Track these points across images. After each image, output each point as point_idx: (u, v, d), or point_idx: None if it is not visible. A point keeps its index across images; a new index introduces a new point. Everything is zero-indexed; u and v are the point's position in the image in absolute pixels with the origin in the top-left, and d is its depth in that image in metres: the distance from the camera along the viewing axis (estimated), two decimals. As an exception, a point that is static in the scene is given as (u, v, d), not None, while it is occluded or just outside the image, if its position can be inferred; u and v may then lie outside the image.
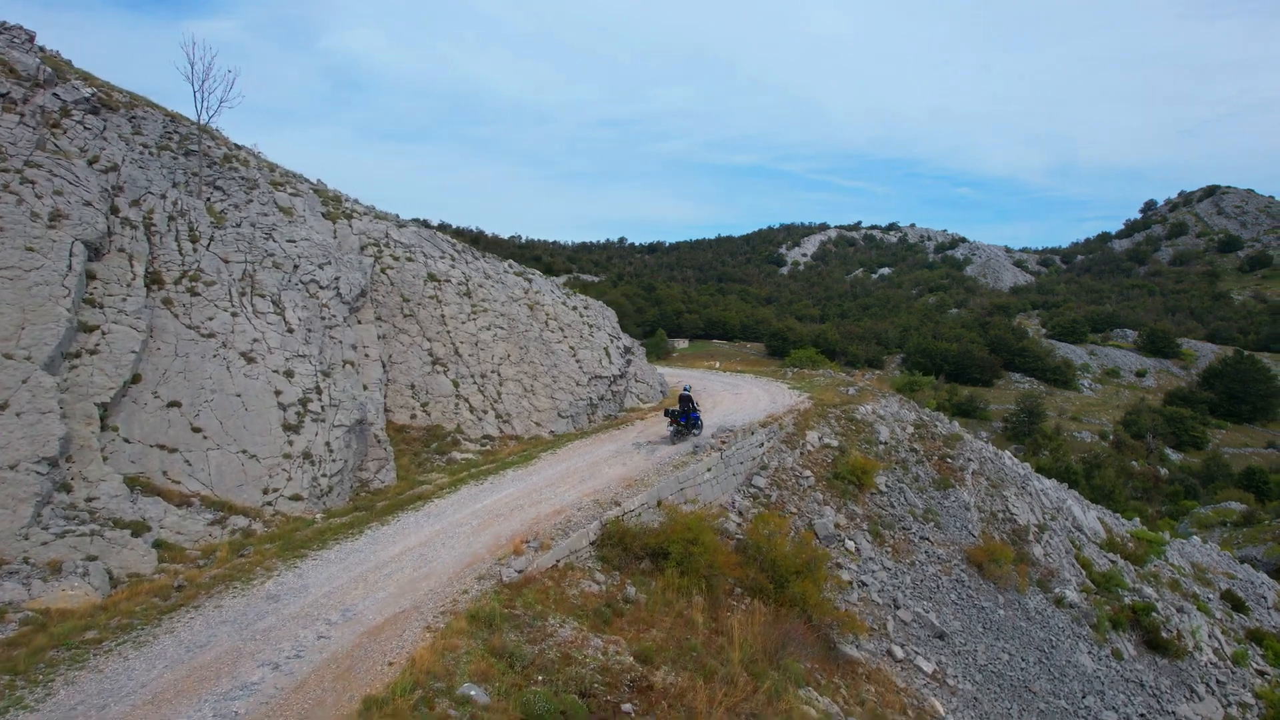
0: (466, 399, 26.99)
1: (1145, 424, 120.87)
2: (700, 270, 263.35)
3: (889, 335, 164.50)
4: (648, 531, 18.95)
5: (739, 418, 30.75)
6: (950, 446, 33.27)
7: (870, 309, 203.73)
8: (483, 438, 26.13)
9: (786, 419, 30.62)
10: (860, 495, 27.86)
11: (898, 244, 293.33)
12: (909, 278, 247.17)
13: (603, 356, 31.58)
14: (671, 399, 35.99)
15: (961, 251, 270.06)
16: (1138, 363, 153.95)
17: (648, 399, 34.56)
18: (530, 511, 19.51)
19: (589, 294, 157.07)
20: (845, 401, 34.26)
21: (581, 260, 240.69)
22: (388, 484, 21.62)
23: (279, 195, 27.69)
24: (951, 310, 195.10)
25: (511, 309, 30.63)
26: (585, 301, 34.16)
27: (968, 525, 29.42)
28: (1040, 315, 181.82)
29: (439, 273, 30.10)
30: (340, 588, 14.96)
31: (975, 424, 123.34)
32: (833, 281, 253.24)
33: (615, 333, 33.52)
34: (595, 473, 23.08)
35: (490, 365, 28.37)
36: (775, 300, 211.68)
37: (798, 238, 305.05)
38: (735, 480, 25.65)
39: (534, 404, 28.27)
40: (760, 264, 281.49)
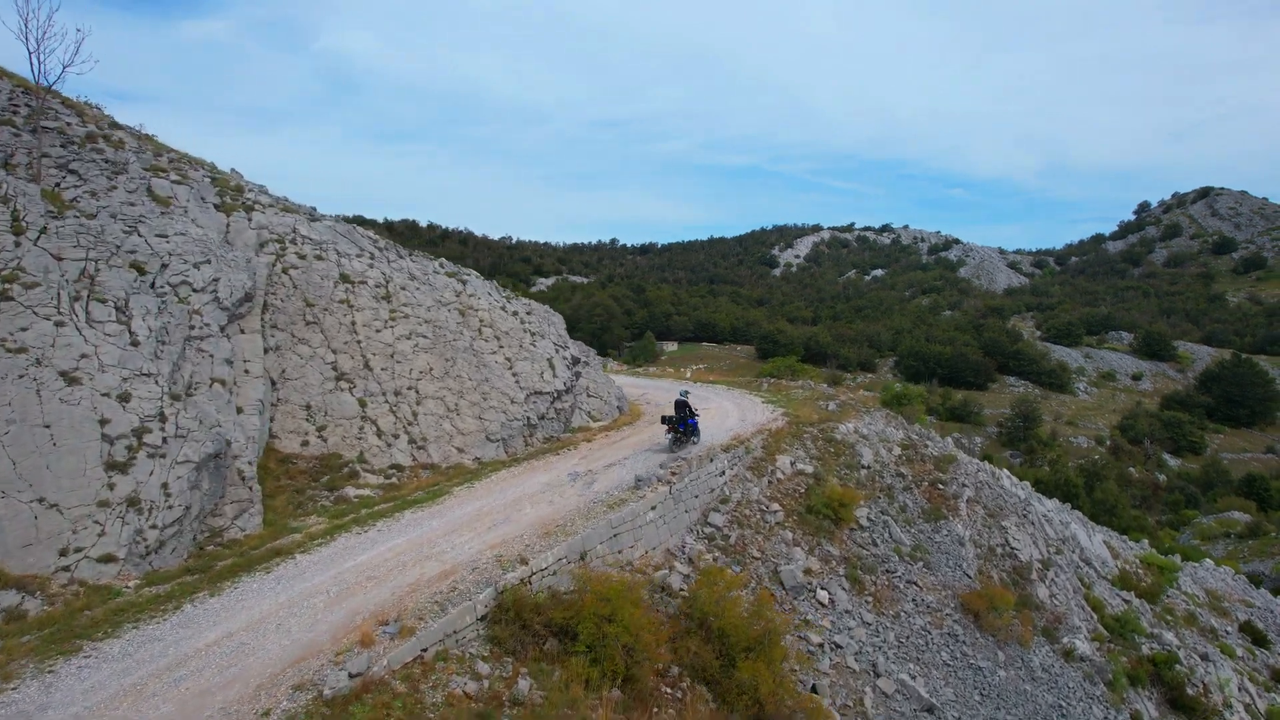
0: (374, 421, 22.73)
1: (1143, 429, 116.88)
2: (692, 272, 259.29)
3: (882, 338, 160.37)
4: (556, 602, 14.73)
5: (699, 439, 26.54)
6: (942, 470, 29.07)
7: (863, 311, 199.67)
8: (389, 468, 21.87)
9: (755, 440, 26.40)
10: (837, 532, 23.64)
11: (891, 245, 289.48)
12: (902, 279, 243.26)
13: (545, 369, 27.34)
14: (633, 415, 31.83)
15: (955, 253, 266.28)
16: (1134, 366, 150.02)
17: (601, 416, 30.31)
18: (411, 573, 15.26)
19: (577, 296, 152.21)
20: (824, 419, 30.07)
21: (572, 261, 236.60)
22: (249, 532, 17.37)
23: (157, 182, 23.41)
24: (945, 312, 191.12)
25: (438, 314, 26.37)
26: (528, 306, 29.90)
27: (962, 564, 25.22)
28: (1035, 317, 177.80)
29: (353, 273, 25.86)
30: (98, 706, 10.72)
31: (969, 429, 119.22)
32: (825, 283, 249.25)
33: (562, 341, 29.27)
34: (512, 515, 18.84)
35: (407, 380, 24.12)
36: (767, 302, 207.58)
37: (791, 239, 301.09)
38: (688, 519, 21.43)
39: (457, 426, 24.02)
40: (753, 265, 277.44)
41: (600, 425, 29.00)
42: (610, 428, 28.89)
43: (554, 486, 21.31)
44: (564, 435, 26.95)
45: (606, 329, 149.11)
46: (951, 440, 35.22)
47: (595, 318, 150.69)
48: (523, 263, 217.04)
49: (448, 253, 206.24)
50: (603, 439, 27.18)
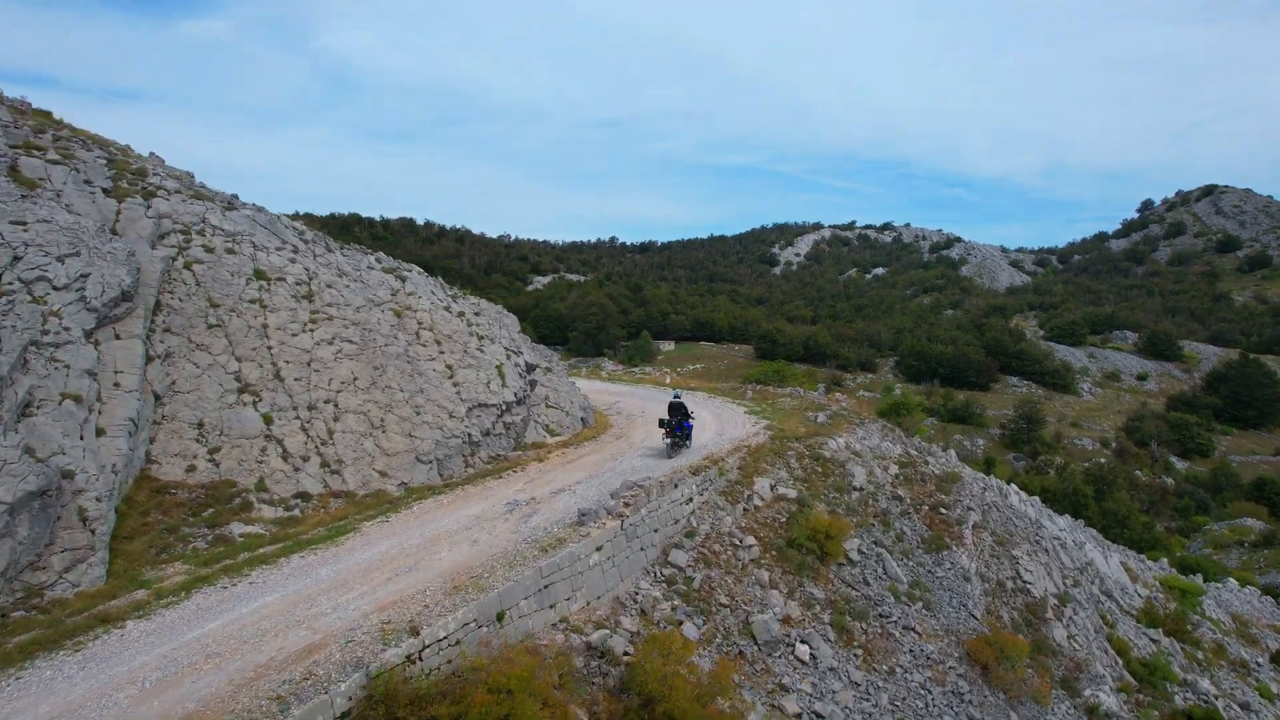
0: (280, 440, 19.26)
1: (1149, 430, 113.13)
2: (692, 270, 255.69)
3: (882, 337, 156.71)
4: (445, 691, 11.25)
5: (667, 459, 23.04)
6: (945, 490, 25.56)
7: (864, 310, 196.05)
8: (293, 497, 18.40)
9: (730, 460, 22.92)
10: (823, 569, 20.14)
11: (892, 244, 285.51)
12: (903, 278, 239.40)
13: (493, 378, 23.84)
14: (599, 427, 28.36)
15: (957, 251, 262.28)
16: (1138, 366, 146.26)
17: (560, 429, 26.82)
18: (267, 648, 11.78)
19: (573, 294, 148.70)
20: (812, 432, 26.59)
21: (570, 260, 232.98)
22: (84, 588, 13.89)
23: (28, 161, 19.95)
24: (947, 311, 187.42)
25: (369, 316, 22.89)
26: (476, 305, 26.39)
27: (967, 602, 21.71)
28: (1037, 316, 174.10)
29: (271, 269, 22.39)
30: None
31: (971, 430, 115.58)
32: (826, 281, 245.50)
33: (515, 345, 25.78)
34: (423, 560, 15.35)
35: (326, 392, 20.64)
36: (767, 301, 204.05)
37: (791, 237, 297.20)
38: (644, 558, 17.95)
39: (382, 445, 20.54)
40: (753, 264, 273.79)
41: (558, 441, 25.50)
42: (569, 443, 25.40)
43: (485, 520, 17.82)
44: (513, 454, 23.44)
45: (602, 328, 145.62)
46: (954, 455, 31.76)
47: (591, 317, 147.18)
48: (519, 261, 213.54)
49: (443, 250, 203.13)
50: (558, 457, 23.68)
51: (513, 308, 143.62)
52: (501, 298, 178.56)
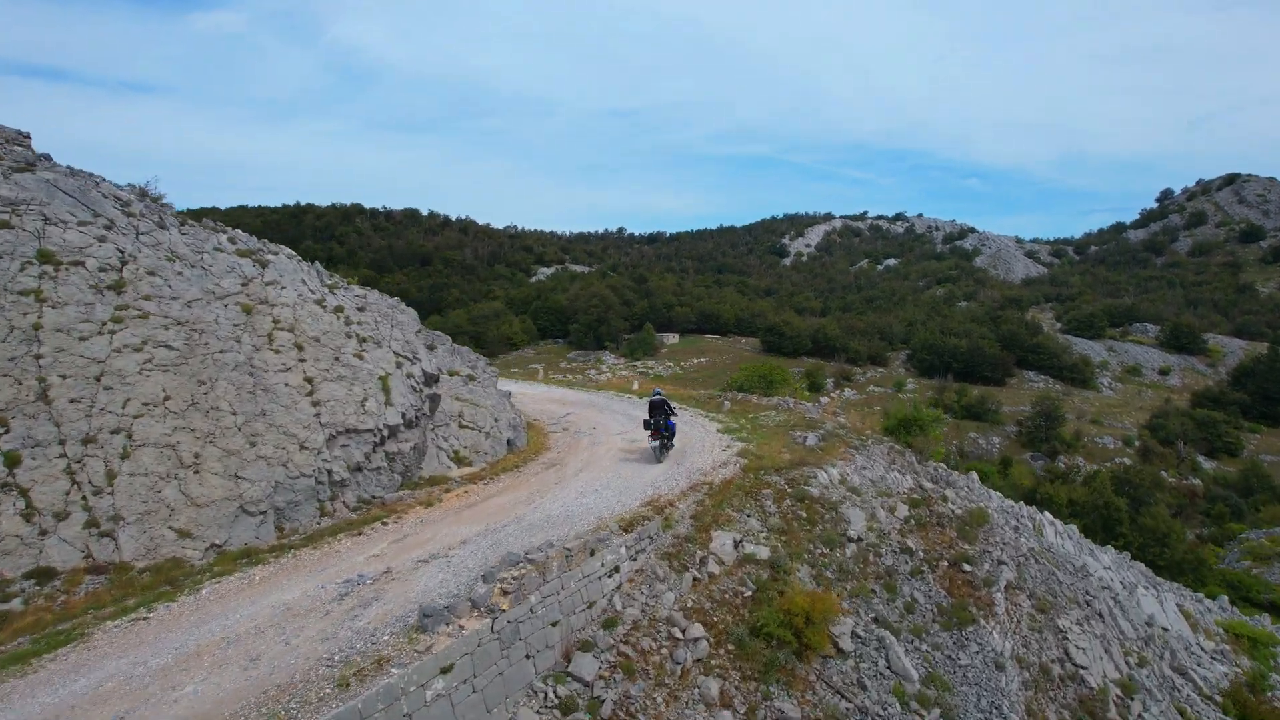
0: (25, 490, 13.40)
1: (1174, 428, 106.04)
2: (700, 261, 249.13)
3: (894, 330, 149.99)
4: None
5: (595, 504, 17.02)
6: (969, 537, 19.44)
7: (875, 301, 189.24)
8: (25, 576, 12.54)
9: (684, 505, 16.90)
10: (800, 671, 14.11)
11: (904, 234, 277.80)
12: (916, 269, 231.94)
13: (373, 393, 17.89)
14: (531, 451, 22.35)
15: (971, 242, 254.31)
16: (1160, 359, 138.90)
17: (475, 457, 20.80)
18: None
19: (575, 286, 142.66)
20: (798, 460, 20.51)
21: (575, 251, 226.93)
22: None
23: None
24: (961, 303, 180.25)
25: (203, 313, 16.96)
26: (362, 298, 20.33)
27: (1001, 703, 15.64)
28: (1054, 309, 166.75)
29: (65, 249, 16.50)
30: None
31: (986, 428, 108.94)
32: (836, 273, 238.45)
33: (410, 350, 19.72)
34: (147, 702, 9.50)
35: (117, 418, 14.76)
36: (775, 292, 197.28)
37: (801, 228, 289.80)
38: (530, 670, 11.98)
39: (190, 491, 14.64)
40: (762, 255, 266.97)
41: (466, 473, 19.53)
42: (481, 476, 19.43)
43: (297, 614, 11.91)
44: (394, 496, 17.45)
45: (604, 321, 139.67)
46: (976, 480, 25.55)
47: (592, 309, 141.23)
48: (524, 252, 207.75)
49: (445, 241, 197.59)
50: (456, 499, 17.74)
51: (515, 299, 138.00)
52: (504, 289, 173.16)
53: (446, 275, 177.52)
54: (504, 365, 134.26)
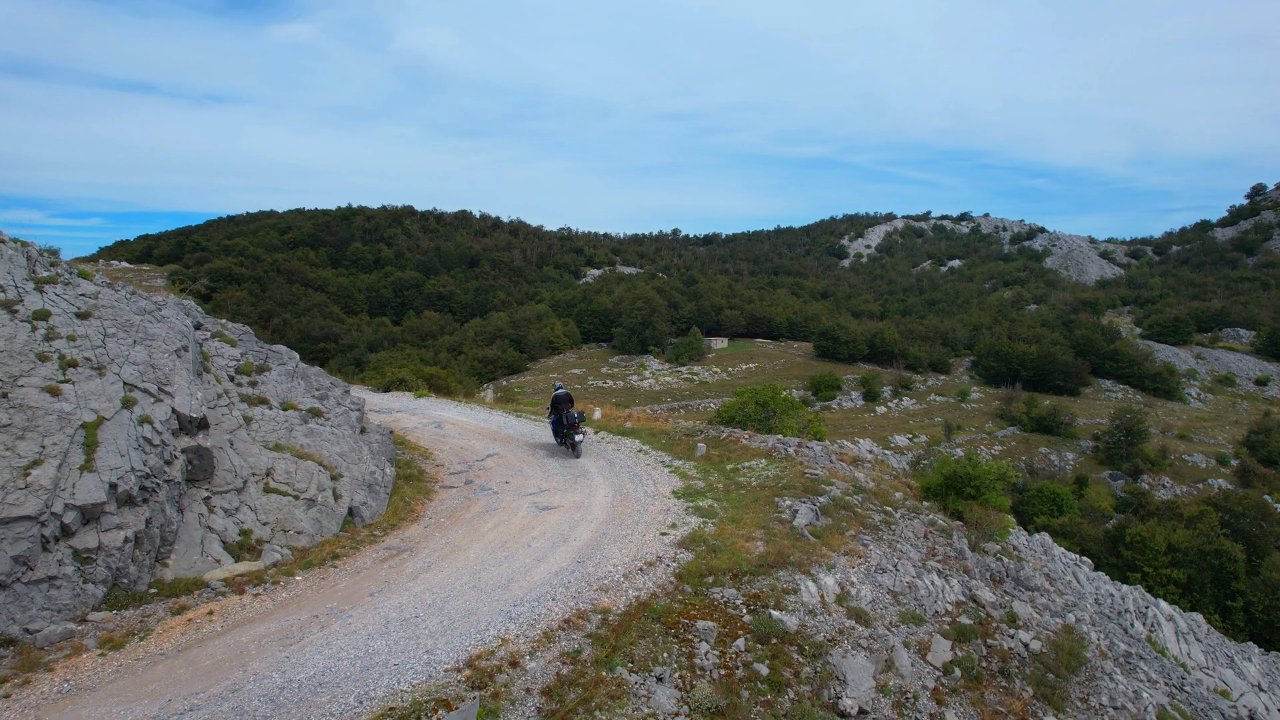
0: None
1: (1277, 446, 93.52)
2: (755, 263, 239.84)
3: (957, 334, 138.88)
4: None
5: (394, 653, 9.49)
6: (1055, 699, 11.32)
7: (937, 304, 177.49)
8: None
9: (537, 662, 9.29)
10: None
11: (969, 234, 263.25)
12: (981, 270, 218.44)
13: (58, 451, 10.71)
14: (392, 517, 14.94)
15: (1040, 242, 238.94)
16: (1256, 368, 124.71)
17: (284, 535, 13.36)
18: None
19: (621, 288, 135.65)
20: (773, 557, 12.52)
21: (627, 252, 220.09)
22: None
23: None
24: (1029, 306, 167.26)
25: None
26: (91, 298, 13.04)
27: None
28: (1133, 312, 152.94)
29: None
30: None
31: (1059, 441, 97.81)
32: (897, 274, 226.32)
33: (157, 379, 12.39)
34: None
35: None
36: (832, 295, 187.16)
37: (861, 228, 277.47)
38: None
39: None
40: (820, 256, 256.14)
41: (237, 572, 12.17)
42: (261, 575, 12.06)
43: None
44: (61, 630, 10.19)
45: (648, 324, 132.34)
46: (1057, 556, 17.30)
47: (636, 312, 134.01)
48: (574, 254, 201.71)
49: (495, 243, 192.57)
50: (185, 627, 10.40)
51: (561, 302, 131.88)
52: (550, 291, 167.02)
53: (494, 277, 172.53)
54: (543, 370, 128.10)
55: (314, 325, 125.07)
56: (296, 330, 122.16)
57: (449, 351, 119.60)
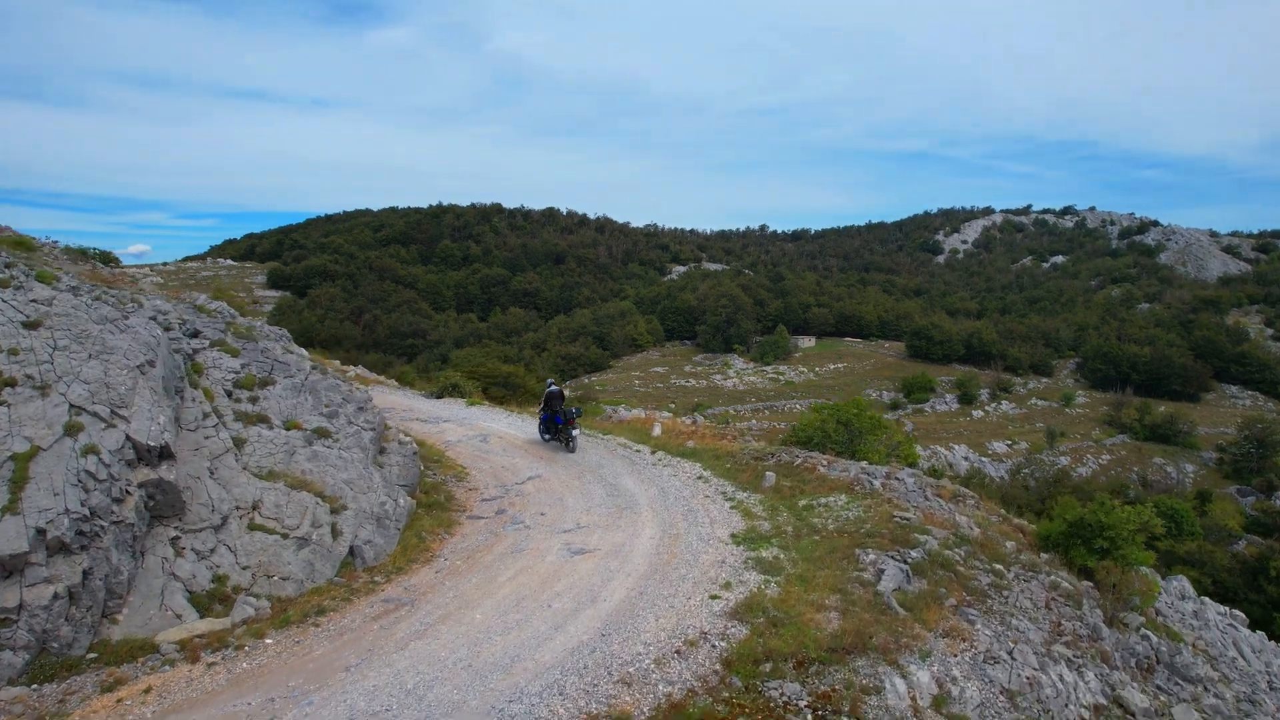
0: None
1: None
2: (845, 259, 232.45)
3: (1060, 335, 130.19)
4: None
5: None
6: None
7: (1038, 303, 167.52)
8: None
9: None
10: None
11: (1074, 229, 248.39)
12: (1087, 267, 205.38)
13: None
14: (401, 558, 12.75)
15: (1153, 236, 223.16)
16: None
17: (267, 582, 11.26)
18: None
19: (705, 285, 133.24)
20: (850, 638, 9.72)
21: (713, 249, 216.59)
22: None
23: None
24: (1141, 305, 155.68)
25: None
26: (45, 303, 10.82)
27: None
28: (1263, 312, 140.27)
29: None
30: None
31: (1177, 452, 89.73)
32: (995, 271, 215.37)
33: (112, 399, 10.37)
34: None
35: None
36: (925, 292, 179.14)
37: (958, 223, 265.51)
38: None
39: None
40: (913, 252, 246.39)
41: (200, 631, 10.11)
42: (225, 636, 10.03)
43: None
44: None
45: (733, 321, 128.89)
46: (1236, 644, 13.73)
47: (720, 309, 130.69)
48: (659, 250, 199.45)
49: (580, 239, 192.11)
50: (111, 709, 8.47)
51: (645, 299, 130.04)
52: (635, 288, 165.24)
53: (579, 274, 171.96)
54: (625, 368, 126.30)
55: (403, 321, 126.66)
56: (386, 326, 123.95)
57: (533, 348, 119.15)
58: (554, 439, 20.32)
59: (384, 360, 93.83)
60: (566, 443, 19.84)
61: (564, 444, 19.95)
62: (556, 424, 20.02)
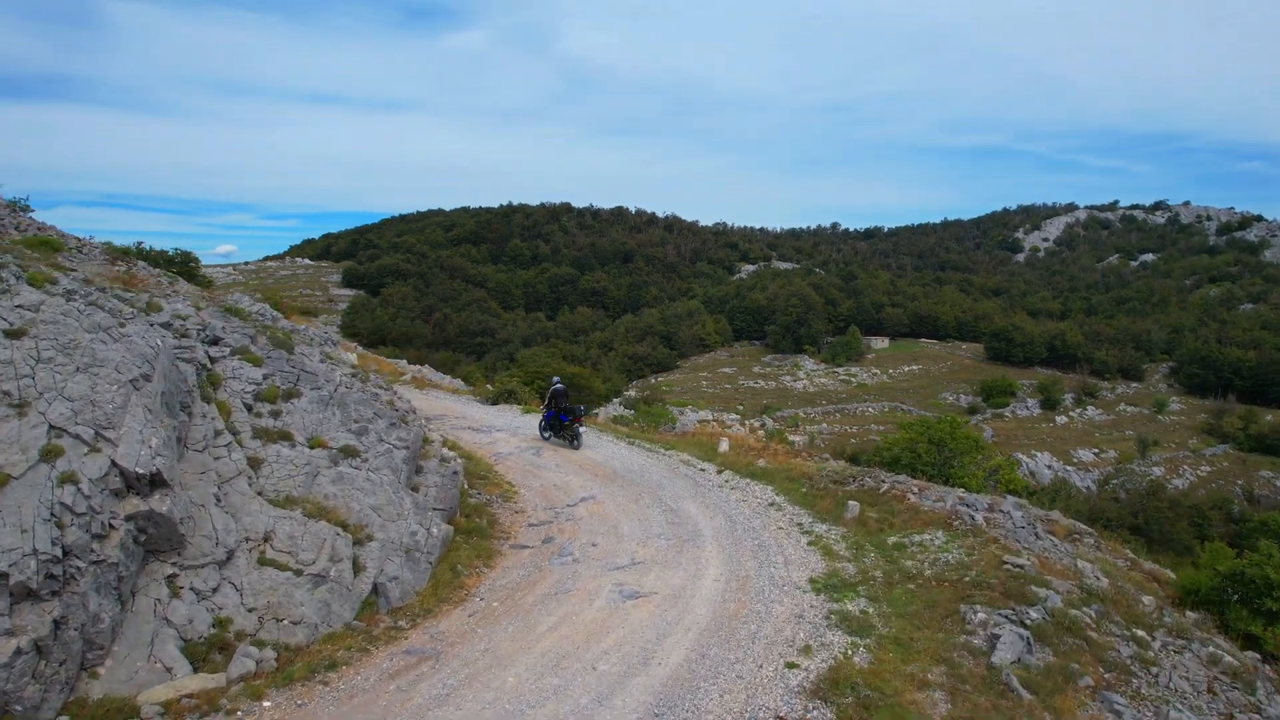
0: None
1: None
2: (919, 258, 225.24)
3: (1152, 337, 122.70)
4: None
5: None
6: None
7: (1127, 304, 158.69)
8: None
9: None
10: None
11: (1165, 225, 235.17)
12: (1181, 265, 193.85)
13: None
14: (431, 597, 11.22)
15: (1255, 232, 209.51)
16: None
17: (276, 627, 9.88)
18: None
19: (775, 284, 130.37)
20: None
21: (783, 247, 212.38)
22: None
23: None
24: (1244, 306, 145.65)
25: None
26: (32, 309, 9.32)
27: None
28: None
29: None
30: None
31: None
32: (1079, 269, 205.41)
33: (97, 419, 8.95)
34: None
35: None
36: (1004, 292, 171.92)
37: (1038, 220, 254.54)
38: None
39: None
40: (991, 250, 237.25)
41: (201, 690, 8.59)
42: (217, 695, 8.63)
43: None
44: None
45: (803, 321, 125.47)
46: None
47: (791, 309, 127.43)
48: (728, 249, 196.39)
49: (649, 238, 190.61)
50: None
51: (713, 298, 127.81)
52: (703, 287, 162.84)
53: (647, 273, 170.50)
54: (693, 368, 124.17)
55: (473, 320, 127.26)
56: (456, 325, 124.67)
57: (600, 348, 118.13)
58: (556, 437, 20.74)
59: (453, 359, 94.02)
60: (571, 440, 20.21)
61: (568, 441, 20.30)
62: (561, 421, 20.49)
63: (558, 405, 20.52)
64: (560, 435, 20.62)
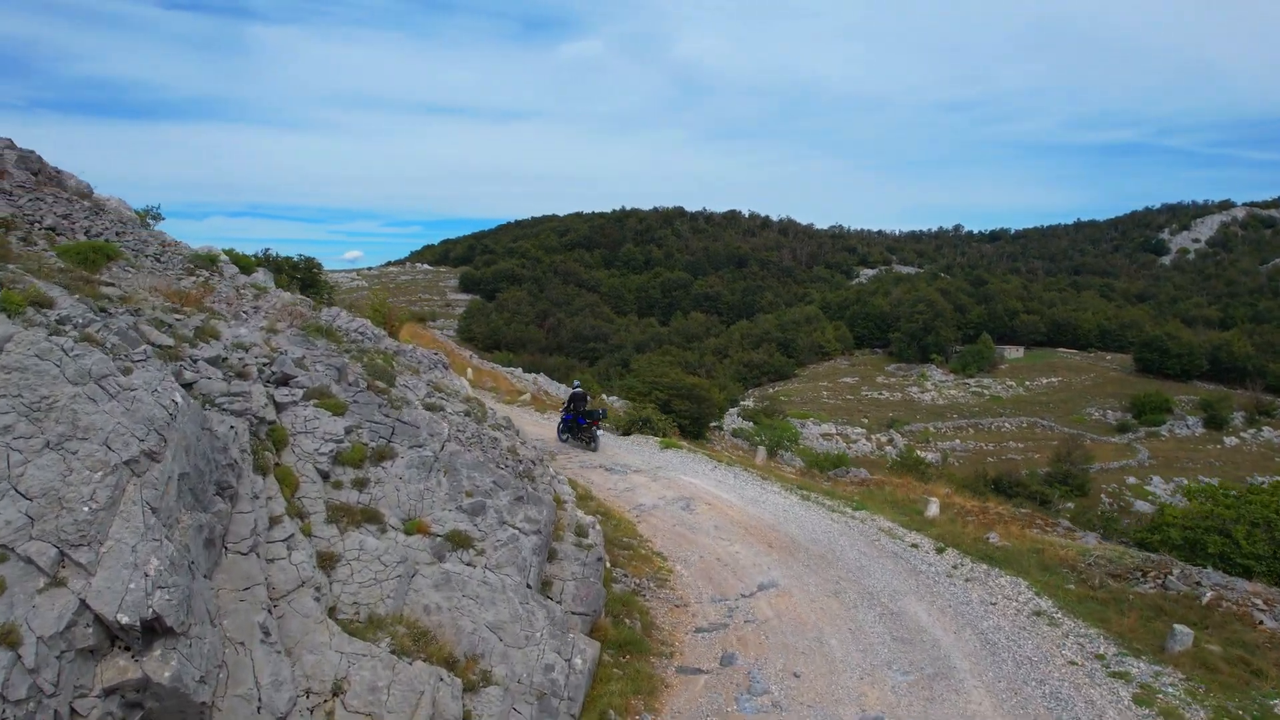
0: None
1: None
2: (1051, 261, 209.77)
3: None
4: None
5: None
6: None
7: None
8: None
9: None
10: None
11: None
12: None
13: None
14: None
15: None
16: None
17: None
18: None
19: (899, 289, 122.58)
20: None
21: (904, 250, 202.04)
22: None
23: None
24: None
25: None
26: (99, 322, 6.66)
27: None
28: None
29: None
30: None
31: None
32: (1239, 273, 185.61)
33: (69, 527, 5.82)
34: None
35: None
36: (1152, 297, 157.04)
37: (1186, 219, 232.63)
38: None
39: None
40: (1131, 252, 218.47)
41: None
42: None
43: None
44: None
45: (930, 329, 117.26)
46: None
47: (917, 315, 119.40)
48: (846, 252, 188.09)
49: (763, 242, 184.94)
50: None
51: (832, 303, 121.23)
52: (820, 292, 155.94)
53: (761, 278, 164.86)
54: (812, 377, 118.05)
55: (585, 325, 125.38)
56: (569, 329, 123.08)
57: (714, 354, 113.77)
58: (574, 439, 20.93)
59: (566, 364, 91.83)
60: (589, 443, 20.52)
61: (585, 444, 20.59)
62: (580, 424, 20.74)
63: (576, 408, 20.91)
64: (578, 438, 20.82)
